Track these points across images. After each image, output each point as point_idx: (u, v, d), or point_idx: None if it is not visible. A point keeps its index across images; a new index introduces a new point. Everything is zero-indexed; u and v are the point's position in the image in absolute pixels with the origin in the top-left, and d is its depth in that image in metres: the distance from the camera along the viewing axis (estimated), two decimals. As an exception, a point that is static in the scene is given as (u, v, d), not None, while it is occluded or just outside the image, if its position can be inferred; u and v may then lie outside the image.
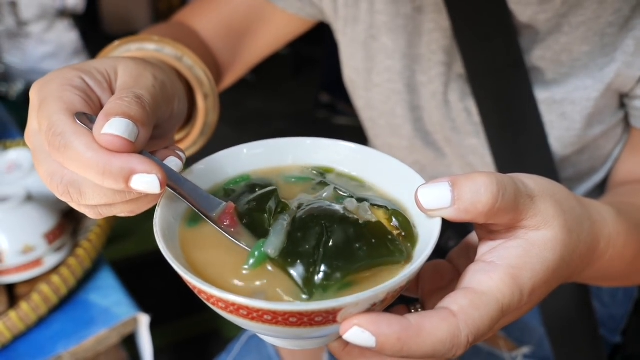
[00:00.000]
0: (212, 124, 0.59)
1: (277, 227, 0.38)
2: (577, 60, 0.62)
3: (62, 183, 0.37)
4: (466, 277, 0.35)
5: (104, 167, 0.35)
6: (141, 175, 0.35)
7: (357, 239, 0.37)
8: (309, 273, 0.36)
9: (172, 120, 0.46)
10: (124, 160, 0.35)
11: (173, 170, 0.40)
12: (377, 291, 0.31)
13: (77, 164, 0.35)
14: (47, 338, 0.83)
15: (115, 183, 0.35)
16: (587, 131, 0.64)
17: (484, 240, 0.38)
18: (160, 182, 0.36)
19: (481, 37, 0.62)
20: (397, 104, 0.72)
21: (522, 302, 0.35)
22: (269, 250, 0.37)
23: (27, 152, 1.00)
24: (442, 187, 0.34)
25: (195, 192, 0.40)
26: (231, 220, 0.40)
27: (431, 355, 0.32)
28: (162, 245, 0.36)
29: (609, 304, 0.84)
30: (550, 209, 0.36)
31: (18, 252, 0.83)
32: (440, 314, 0.33)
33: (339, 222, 0.37)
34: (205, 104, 0.57)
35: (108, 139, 0.35)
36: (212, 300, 0.33)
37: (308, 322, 0.32)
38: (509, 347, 0.76)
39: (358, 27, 0.71)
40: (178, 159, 0.41)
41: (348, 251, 0.36)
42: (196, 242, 0.39)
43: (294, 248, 0.37)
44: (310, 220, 0.38)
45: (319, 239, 0.37)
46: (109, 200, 0.38)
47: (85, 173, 0.35)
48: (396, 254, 0.37)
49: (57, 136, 0.36)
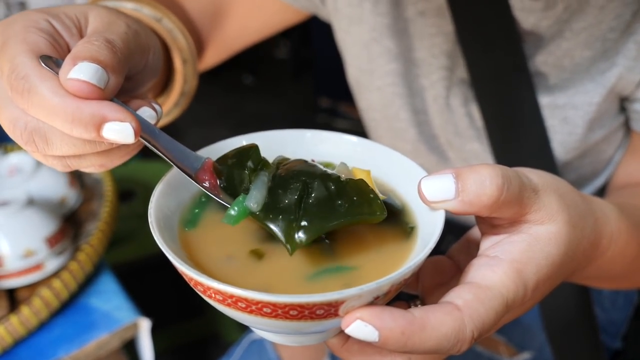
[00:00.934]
0: (189, 92, 0.56)
1: (258, 183, 0.38)
2: (579, 65, 0.62)
3: (26, 130, 0.34)
4: (469, 272, 0.35)
5: (72, 113, 0.32)
6: (114, 123, 0.33)
7: (339, 195, 0.36)
8: (290, 228, 0.35)
9: (145, 74, 0.43)
10: (95, 107, 0.33)
11: (147, 121, 0.37)
12: (381, 283, 0.31)
13: (42, 110, 0.33)
14: (48, 342, 0.83)
15: (86, 131, 0.33)
16: (588, 135, 0.65)
17: (486, 235, 0.38)
18: (135, 131, 0.33)
19: (485, 42, 0.62)
20: (401, 108, 0.72)
21: (526, 297, 0.34)
22: (251, 204, 0.36)
23: (29, 156, 1.00)
24: (445, 178, 0.34)
25: (172, 145, 0.38)
26: (210, 176, 0.39)
27: (435, 350, 0.32)
28: (157, 236, 0.35)
29: (609, 309, 0.84)
30: (554, 204, 0.36)
31: (19, 256, 0.83)
32: (445, 308, 0.32)
33: (320, 179, 0.37)
34: (184, 69, 0.55)
35: (75, 85, 0.33)
36: (210, 293, 0.32)
37: (309, 315, 0.31)
38: (510, 352, 0.76)
39: (362, 28, 0.71)
40: (152, 110, 0.38)
41: (329, 206, 0.36)
42: (196, 243, 0.38)
43: (275, 203, 0.36)
44: (291, 177, 0.37)
45: (300, 195, 0.36)
46: (77, 150, 0.35)
47: (52, 120, 0.33)
48: (377, 211, 0.36)
49: (21, 79, 0.33)
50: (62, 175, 1.02)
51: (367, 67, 0.73)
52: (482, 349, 0.75)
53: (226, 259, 0.37)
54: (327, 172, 0.38)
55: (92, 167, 0.38)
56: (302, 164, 0.39)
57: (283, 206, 0.36)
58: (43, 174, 0.99)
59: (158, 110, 0.39)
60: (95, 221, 0.98)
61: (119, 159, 0.38)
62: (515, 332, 0.78)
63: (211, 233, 0.39)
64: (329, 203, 0.36)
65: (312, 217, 0.35)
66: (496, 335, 0.77)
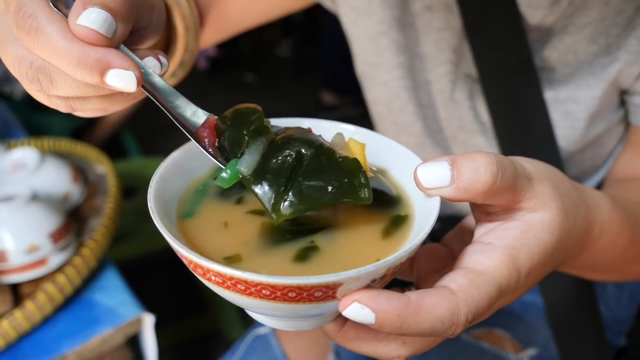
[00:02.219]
0: (188, 63, 0.56)
1: (252, 147, 0.38)
2: (582, 60, 0.62)
3: (32, 69, 0.34)
4: (464, 258, 0.35)
5: (78, 57, 0.32)
6: (117, 70, 0.33)
7: (330, 172, 0.36)
8: (277, 198, 0.36)
9: (148, 32, 0.43)
10: (101, 53, 0.33)
11: (151, 71, 0.37)
12: (378, 266, 0.31)
13: (48, 50, 0.33)
14: (52, 337, 0.83)
15: (90, 76, 0.33)
16: (590, 129, 0.65)
17: (481, 222, 0.38)
18: (137, 80, 0.34)
19: (492, 37, 0.62)
20: (407, 101, 0.72)
21: (519, 283, 0.35)
22: (242, 168, 0.37)
23: (33, 152, 1.00)
24: (441, 165, 0.34)
25: (174, 98, 0.38)
26: (210, 134, 0.39)
27: (429, 333, 0.32)
28: (157, 220, 0.35)
29: (614, 306, 0.84)
30: (547, 192, 0.36)
31: (23, 251, 0.83)
32: (440, 292, 0.33)
33: (315, 151, 0.37)
34: (186, 36, 0.54)
35: (83, 31, 0.32)
36: (209, 275, 0.32)
37: (307, 298, 0.31)
38: (514, 348, 0.76)
39: (370, 21, 0.71)
40: (157, 61, 0.38)
41: (318, 185, 0.36)
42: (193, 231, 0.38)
43: (266, 170, 0.37)
44: (286, 144, 0.38)
45: (292, 165, 0.37)
46: (81, 92, 0.35)
47: (57, 61, 0.33)
48: (364, 197, 0.36)
49: (28, 17, 0.33)
50: (65, 171, 1.02)
51: (374, 60, 0.73)
52: (488, 345, 0.75)
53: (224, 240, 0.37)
54: (323, 144, 0.38)
55: (94, 110, 0.38)
56: (300, 131, 0.39)
57: (273, 174, 0.36)
58: (46, 170, 0.99)
59: (163, 62, 0.38)
60: (99, 217, 0.98)
61: (120, 104, 0.38)
62: (520, 329, 0.78)
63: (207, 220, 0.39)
64: (319, 180, 0.36)
65: (299, 193, 0.36)
66: (501, 331, 0.77)
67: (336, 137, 0.40)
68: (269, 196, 0.36)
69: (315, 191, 0.36)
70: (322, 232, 0.37)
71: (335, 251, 0.36)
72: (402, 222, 0.39)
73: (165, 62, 0.39)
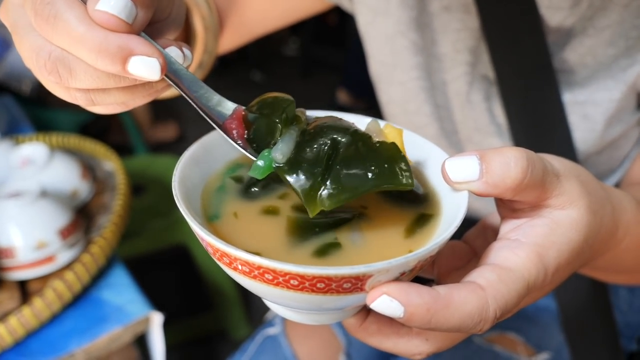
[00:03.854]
0: (207, 65, 0.55)
1: (286, 136, 0.37)
2: (601, 63, 0.61)
3: (50, 59, 0.33)
4: (490, 254, 0.35)
5: (99, 44, 0.31)
6: (140, 57, 0.32)
7: (368, 158, 0.35)
8: (314, 188, 0.34)
9: (167, 25, 0.42)
10: (123, 39, 0.32)
11: (174, 60, 0.36)
12: (409, 258, 0.30)
13: (68, 39, 0.32)
14: (60, 335, 0.82)
15: (112, 63, 0.32)
16: (607, 132, 0.64)
17: (507, 219, 0.37)
18: (161, 67, 0.33)
19: (511, 39, 0.62)
20: (424, 102, 0.72)
21: (546, 281, 0.34)
22: (277, 155, 0.35)
23: (42, 148, 1.00)
24: (470, 159, 0.34)
25: (199, 88, 0.37)
26: (239, 125, 0.38)
27: (457, 329, 0.32)
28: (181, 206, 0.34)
29: (626, 311, 0.83)
30: (576, 189, 0.36)
31: (32, 247, 0.82)
32: (469, 287, 0.32)
33: (351, 137, 0.36)
34: (205, 36, 0.53)
35: (103, 17, 0.31)
36: (236, 264, 0.31)
37: (335, 289, 0.31)
38: (528, 352, 0.75)
39: (387, 20, 0.70)
40: (179, 51, 0.36)
41: (357, 171, 0.34)
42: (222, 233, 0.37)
43: (301, 160, 0.35)
44: (320, 133, 0.36)
45: (328, 153, 0.35)
46: (101, 83, 0.34)
47: (77, 49, 0.32)
48: (406, 184, 0.34)
49: (46, 5, 0.32)
50: (74, 168, 1.01)
51: (390, 60, 0.72)
52: (501, 349, 0.74)
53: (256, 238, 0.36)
54: (358, 130, 0.37)
55: (115, 105, 0.37)
56: (332, 119, 0.38)
57: (309, 164, 0.35)
58: (55, 166, 0.99)
59: (187, 53, 0.37)
60: (108, 214, 0.97)
61: (143, 98, 0.37)
62: (533, 332, 0.77)
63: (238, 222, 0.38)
64: (357, 167, 0.34)
65: (338, 182, 0.34)
66: (514, 335, 0.76)
67: (371, 123, 0.39)
68: (305, 187, 0.34)
69: (354, 179, 0.34)
70: (345, 229, 0.36)
71: (358, 249, 0.35)
72: (427, 220, 0.38)
73: (189, 53, 0.37)
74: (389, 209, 0.38)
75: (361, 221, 0.37)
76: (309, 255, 0.34)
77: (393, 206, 0.38)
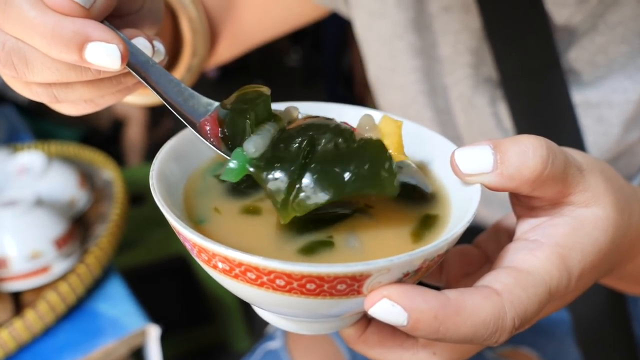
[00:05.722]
0: (196, 68, 0.52)
1: (261, 131, 0.33)
2: (614, 61, 0.59)
3: (4, 50, 0.30)
4: (506, 256, 0.31)
5: (52, 29, 0.29)
6: (98, 43, 0.29)
7: (348, 157, 0.31)
8: (287, 192, 0.31)
9: (140, 19, 0.38)
10: (78, 24, 0.29)
11: (141, 51, 0.33)
12: (413, 256, 0.26)
13: (20, 25, 0.29)
14: (53, 348, 0.80)
15: (67, 51, 0.29)
16: (624, 136, 0.62)
17: (523, 218, 0.34)
18: (122, 55, 0.30)
19: (515, 38, 0.59)
20: (425, 106, 0.69)
21: (570, 287, 0.31)
22: (249, 147, 0.32)
23: (39, 156, 0.98)
24: (482, 149, 0.30)
25: (168, 82, 0.34)
26: (213, 123, 0.35)
27: (470, 339, 0.28)
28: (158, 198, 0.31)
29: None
30: (600, 185, 0.32)
31: (26, 257, 0.80)
32: (483, 291, 0.28)
33: (331, 134, 0.32)
34: (193, 40, 0.51)
35: (56, 1, 0.29)
36: (215, 261, 0.28)
37: (328, 291, 0.27)
38: (541, 368, 0.72)
39: (384, 23, 0.68)
40: (147, 42, 0.33)
41: (334, 174, 0.30)
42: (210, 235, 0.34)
43: (274, 159, 0.31)
44: (299, 132, 0.32)
45: (307, 150, 0.31)
46: (62, 76, 0.31)
47: (30, 37, 0.29)
48: (387, 187, 0.31)
49: None
50: (72, 176, 1.00)
51: (389, 64, 0.70)
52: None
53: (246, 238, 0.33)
54: (340, 125, 0.33)
55: (82, 103, 0.34)
56: (318, 119, 0.35)
57: (283, 162, 0.31)
58: (52, 175, 0.97)
59: (158, 46, 0.34)
60: (105, 223, 0.95)
61: (112, 95, 0.35)
62: (548, 347, 0.74)
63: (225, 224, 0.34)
64: (335, 167, 0.31)
65: (311, 185, 0.30)
66: (528, 349, 0.73)
67: (364, 117, 0.35)
68: (278, 190, 0.31)
69: (330, 181, 0.30)
70: (343, 227, 0.33)
71: (354, 249, 0.32)
72: (432, 221, 0.35)
73: (161, 47, 0.34)
74: (391, 206, 0.35)
75: (362, 219, 0.34)
76: (294, 253, 0.31)
77: (396, 204, 0.35)
